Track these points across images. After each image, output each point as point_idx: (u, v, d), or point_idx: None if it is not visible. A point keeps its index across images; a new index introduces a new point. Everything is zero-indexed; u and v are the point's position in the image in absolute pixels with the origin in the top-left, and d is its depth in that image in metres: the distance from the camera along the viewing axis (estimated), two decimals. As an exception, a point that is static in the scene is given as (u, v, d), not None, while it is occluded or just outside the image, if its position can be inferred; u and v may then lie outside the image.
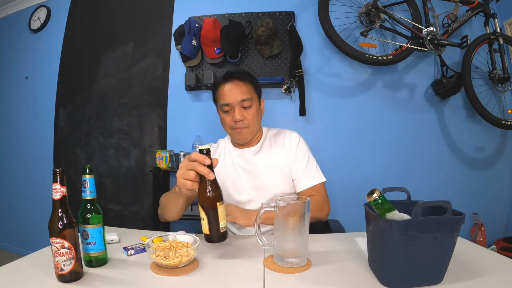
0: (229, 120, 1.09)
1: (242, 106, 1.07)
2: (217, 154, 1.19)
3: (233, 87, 1.07)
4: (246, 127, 1.08)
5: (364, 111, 2.05)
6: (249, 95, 1.08)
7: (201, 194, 0.74)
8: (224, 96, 1.08)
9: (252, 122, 1.09)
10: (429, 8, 1.95)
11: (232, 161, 1.15)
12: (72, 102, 2.34)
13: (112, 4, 2.33)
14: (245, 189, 1.11)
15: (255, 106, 1.10)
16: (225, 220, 0.75)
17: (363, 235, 0.96)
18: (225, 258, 0.80)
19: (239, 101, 1.06)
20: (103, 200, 2.25)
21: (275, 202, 0.73)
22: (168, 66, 2.19)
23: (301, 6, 2.08)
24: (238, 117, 1.06)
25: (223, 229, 0.74)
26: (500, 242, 1.98)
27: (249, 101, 1.07)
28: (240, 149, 1.16)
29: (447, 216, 0.59)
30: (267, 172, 1.11)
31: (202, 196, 0.74)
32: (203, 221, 0.74)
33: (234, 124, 1.08)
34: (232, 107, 1.07)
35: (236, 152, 1.16)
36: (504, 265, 0.71)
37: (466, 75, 1.83)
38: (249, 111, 1.08)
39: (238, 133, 1.09)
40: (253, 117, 1.09)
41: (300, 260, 0.71)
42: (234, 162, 1.15)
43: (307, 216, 0.72)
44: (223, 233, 0.74)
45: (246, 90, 1.08)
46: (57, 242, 0.63)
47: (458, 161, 2.07)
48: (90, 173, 0.71)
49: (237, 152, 1.16)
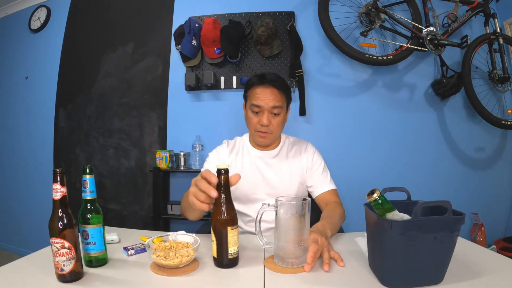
0: (255, 121, 1.11)
1: (272, 112, 1.09)
2: (234, 152, 1.20)
3: (268, 92, 1.09)
4: (270, 133, 1.11)
5: (364, 111, 2.05)
6: (280, 103, 1.09)
7: (213, 216, 0.72)
8: (256, 97, 1.09)
9: (276, 128, 1.11)
10: (429, 8, 1.95)
11: (251, 161, 1.18)
12: (72, 102, 2.35)
13: (112, 4, 2.33)
14: (260, 190, 1.14)
15: (282, 115, 1.12)
16: (237, 246, 0.73)
17: (363, 235, 0.96)
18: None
19: (270, 106, 1.08)
20: (103, 200, 2.25)
21: (275, 202, 0.73)
22: (168, 66, 2.19)
23: (301, 6, 2.08)
24: (265, 122, 1.08)
25: (233, 255, 0.72)
26: (500, 242, 1.98)
27: (279, 109, 1.09)
28: (259, 150, 1.19)
29: (447, 216, 0.59)
30: (283, 176, 1.15)
31: (214, 217, 0.71)
32: (212, 243, 0.72)
33: (259, 127, 1.10)
34: (262, 110, 1.09)
35: (255, 152, 1.19)
36: (504, 265, 0.71)
37: (466, 75, 1.84)
38: (276, 119, 1.10)
39: (261, 137, 1.12)
40: (278, 124, 1.11)
41: (300, 260, 0.71)
42: (252, 162, 1.17)
43: (308, 217, 0.71)
44: (232, 259, 0.72)
45: (279, 98, 1.09)
46: (57, 242, 0.63)
47: (458, 161, 2.07)
48: (90, 173, 0.71)
49: (256, 153, 1.18)
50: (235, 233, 0.72)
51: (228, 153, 1.20)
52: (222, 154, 1.19)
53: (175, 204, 2.02)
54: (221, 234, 0.70)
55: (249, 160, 1.18)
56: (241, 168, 1.16)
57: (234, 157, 1.19)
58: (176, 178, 2.17)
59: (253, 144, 1.21)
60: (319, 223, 0.91)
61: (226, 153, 1.20)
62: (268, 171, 1.16)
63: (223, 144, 1.24)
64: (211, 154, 1.21)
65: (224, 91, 2.12)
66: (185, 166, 2.02)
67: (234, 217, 0.72)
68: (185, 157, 2.02)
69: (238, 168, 1.16)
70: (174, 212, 2.01)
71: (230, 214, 0.71)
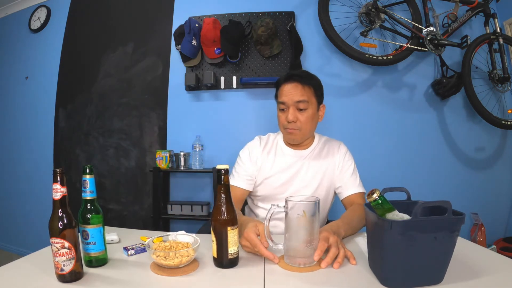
0: (283, 119, 1.09)
1: (298, 107, 1.06)
2: (267, 149, 1.18)
3: (292, 88, 1.07)
4: (298, 130, 1.08)
5: (364, 111, 2.05)
6: (305, 98, 1.06)
7: (213, 216, 0.72)
8: (282, 94, 1.09)
9: (305, 125, 1.08)
10: (429, 8, 1.95)
11: (283, 159, 1.16)
12: (72, 102, 2.34)
13: (112, 4, 2.33)
14: (289, 190, 1.13)
15: (311, 110, 1.08)
16: (237, 246, 0.73)
17: (363, 235, 0.96)
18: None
19: (294, 101, 1.06)
20: (103, 200, 2.25)
21: (285, 202, 0.73)
22: (168, 66, 2.19)
23: (301, 6, 2.08)
24: (290, 118, 1.05)
25: (233, 255, 0.72)
26: (500, 242, 1.98)
27: (305, 103, 1.06)
28: (292, 149, 1.17)
29: (447, 216, 0.59)
30: (315, 176, 1.13)
31: (214, 218, 0.72)
32: (212, 243, 0.73)
33: (286, 123, 1.08)
34: (287, 106, 1.07)
35: (288, 151, 1.16)
36: (504, 265, 0.71)
37: (466, 75, 1.84)
38: (303, 114, 1.07)
39: (289, 133, 1.10)
40: (306, 120, 1.07)
41: (310, 260, 0.72)
42: (284, 161, 1.15)
43: (318, 216, 0.72)
44: (232, 259, 0.72)
45: (304, 93, 1.06)
46: (57, 242, 0.63)
47: (458, 161, 2.07)
48: (90, 173, 0.71)
49: (289, 152, 1.16)
50: (235, 233, 0.72)
51: (261, 151, 1.17)
52: (255, 153, 1.16)
53: (175, 204, 2.02)
54: (221, 234, 0.71)
55: (282, 158, 1.16)
56: (271, 166, 1.14)
57: (266, 155, 1.17)
58: (176, 178, 2.17)
59: (286, 143, 1.18)
60: (334, 222, 0.90)
61: (259, 151, 1.17)
62: (299, 171, 1.14)
63: (255, 140, 1.21)
64: (243, 154, 1.18)
65: (224, 91, 2.12)
66: (185, 166, 2.02)
67: (234, 218, 0.72)
68: (185, 157, 2.02)
69: (268, 167, 1.14)
70: (174, 212, 2.01)
71: (230, 215, 0.72)
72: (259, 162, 1.15)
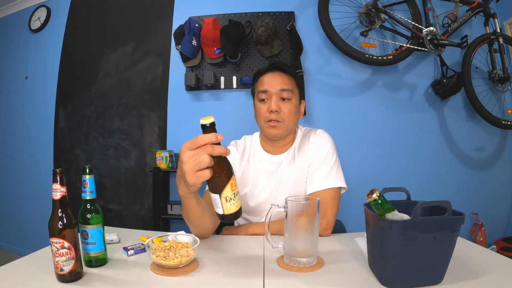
0: (264, 110, 1.00)
1: (281, 96, 0.99)
2: (245, 156, 1.09)
3: (275, 76, 1.01)
4: (281, 122, 0.99)
5: (364, 111, 2.05)
6: (289, 87, 1.00)
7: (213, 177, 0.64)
8: (263, 83, 1.01)
9: (288, 117, 0.99)
10: (429, 8, 1.95)
11: (263, 168, 1.07)
12: (72, 102, 2.34)
13: (112, 4, 2.33)
14: (264, 192, 1.05)
15: (294, 101, 1.01)
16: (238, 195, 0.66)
17: (363, 235, 0.96)
18: (225, 258, 0.79)
19: (278, 90, 0.99)
20: (103, 200, 2.25)
21: (285, 202, 0.73)
22: (168, 66, 2.19)
23: (301, 6, 2.08)
24: (274, 107, 0.97)
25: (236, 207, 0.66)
26: (500, 242, 1.98)
27: (289, 92, 0.99)
28: (271, 154, 1.07)
29: (447, 216, 0.59)
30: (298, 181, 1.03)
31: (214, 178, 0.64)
32: (215, 201, 0.65)
33: (268, 115, 0.99)
34: (269, 95, 0.99)
35: (267, 158, 1.07)
36: (504, 265, 0.71)
37: (466, 75, 1.84)
38: (287, 105, 0.99)
39: (271, 126, 1.00)
40: (290, 112, 0.99)
41: (311, 259, 0.72)
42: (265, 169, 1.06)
43: (317, 216, 0.72)
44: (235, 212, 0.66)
45: (288, 81, 1.00)
46: (57, 242, 0.63)
47: (458, 161, 2.07)
48: (90, 173, 0.71)
49: (268, 158, 1.07)
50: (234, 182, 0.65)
51: (239, 159, 1.07)
52: (232, 160, 0.96)
53: (175, 204, 2.02)
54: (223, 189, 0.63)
55: (261, 166, 1.06)
56: (254, 176, 1.05)
57: (246, 163, 1.07)
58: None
59: (264, 146, 1.09)
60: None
61: (236, 159, 1.07)
62: (282, 178, 1.03)
63: (231, 146, 1.11)
64: None
65: (224, 91, 2.12)
66: (185, 166, 2.01)
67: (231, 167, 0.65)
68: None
69: (251, 177, 1.05)
70: (174, 212, 2.01)
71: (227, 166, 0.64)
72: (239, 172, 1.07)
